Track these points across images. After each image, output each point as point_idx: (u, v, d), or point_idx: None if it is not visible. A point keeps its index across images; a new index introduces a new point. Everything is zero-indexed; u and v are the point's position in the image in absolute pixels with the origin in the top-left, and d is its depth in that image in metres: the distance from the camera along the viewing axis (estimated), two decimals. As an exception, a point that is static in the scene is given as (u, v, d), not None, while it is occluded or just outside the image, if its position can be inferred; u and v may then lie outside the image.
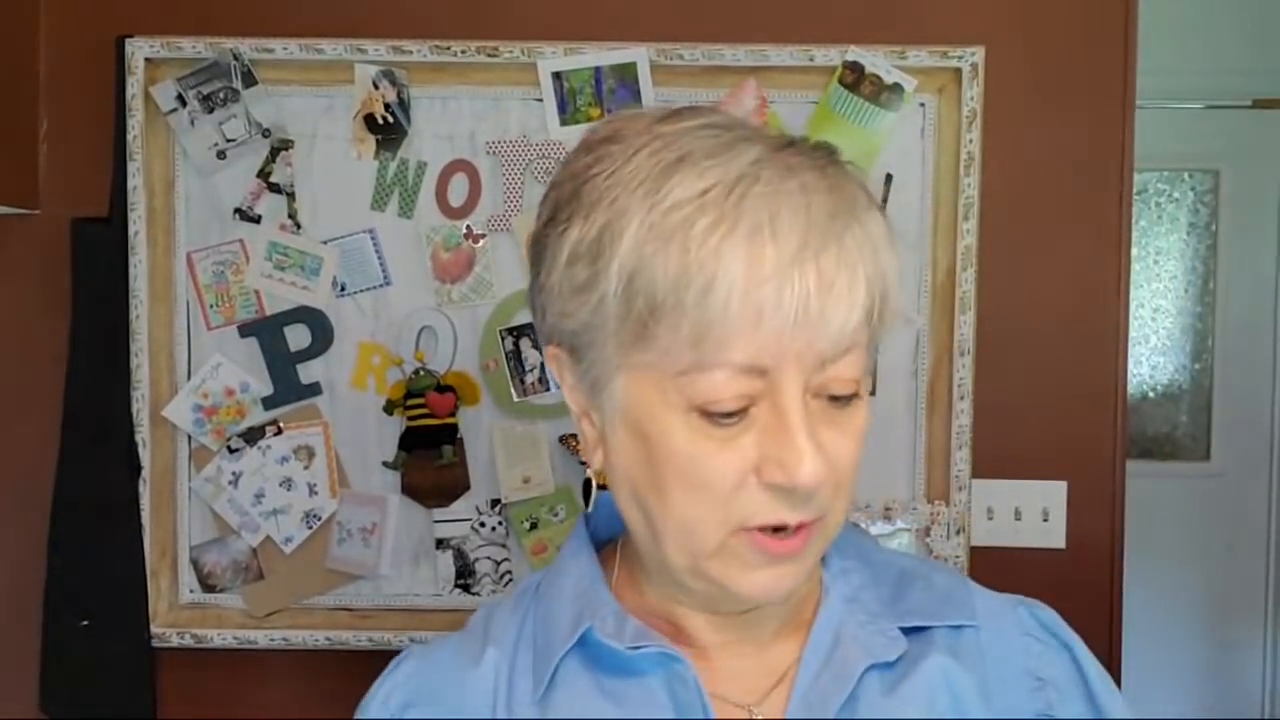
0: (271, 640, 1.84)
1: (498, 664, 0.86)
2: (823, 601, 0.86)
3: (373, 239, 1.81)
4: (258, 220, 1.82)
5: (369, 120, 1.80)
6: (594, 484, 0.87)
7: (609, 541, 0.91)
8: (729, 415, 0.74)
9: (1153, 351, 3.60)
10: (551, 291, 0.79)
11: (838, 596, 0.86)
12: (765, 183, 0.73)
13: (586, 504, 0.90)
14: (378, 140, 1.81)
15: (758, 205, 0.72)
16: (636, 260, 0.73)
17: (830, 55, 1.77)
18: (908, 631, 0.85)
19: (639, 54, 1.78)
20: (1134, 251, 2.56)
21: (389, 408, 1.83)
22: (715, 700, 0.81)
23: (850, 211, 0.75)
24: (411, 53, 1.79)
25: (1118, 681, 0.97)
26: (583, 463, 1.81)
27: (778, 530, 0.76)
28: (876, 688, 0.82)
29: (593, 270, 0.75)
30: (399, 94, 1.80)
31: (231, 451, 1.83)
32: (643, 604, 0.85)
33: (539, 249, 0.81)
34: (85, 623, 1.83)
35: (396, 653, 1.91)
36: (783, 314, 0.71)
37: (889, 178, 1.79)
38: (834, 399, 0.75)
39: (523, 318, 1.82)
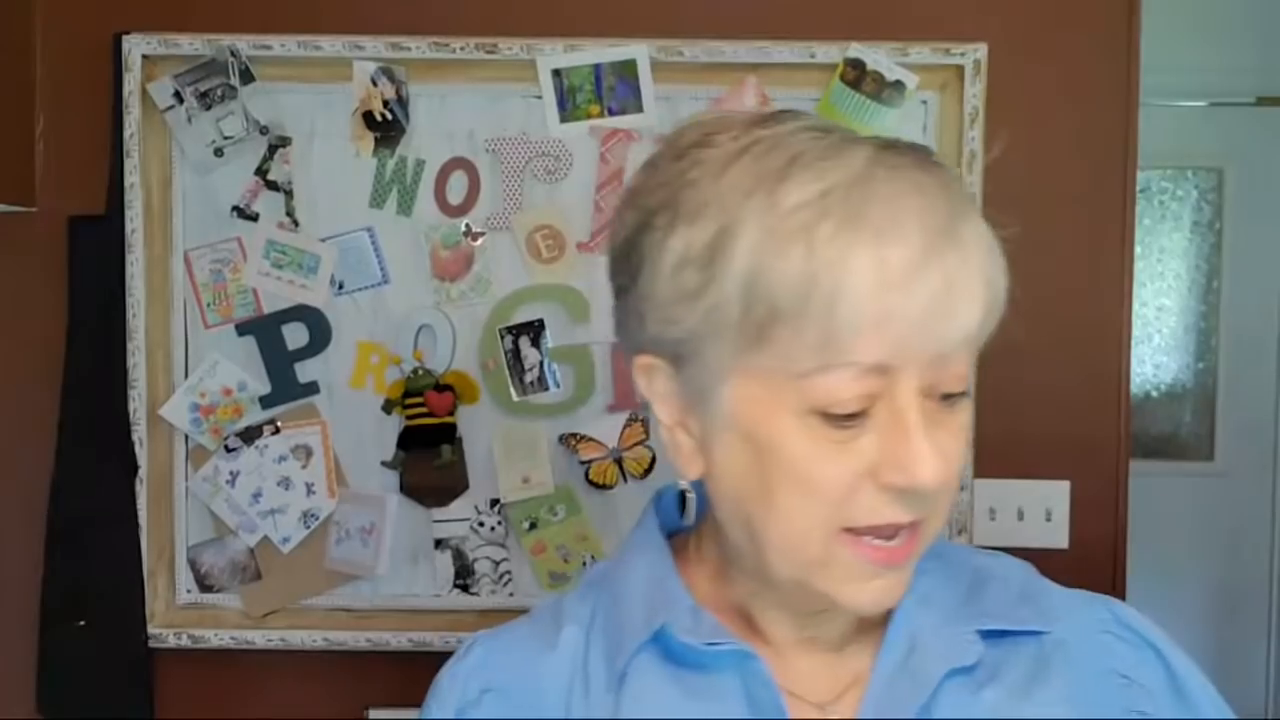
0: (269, 641, 1.83)
1: (574, 649, 0.85)
2: (898, 602, 0.84)
3: (371, 237, 1.81)
4: (255, 218, 1.81)
5: (367, 117, 1.80)
6: (686, 495, 0.87)
7: (674, 534, 0.91)
8: (848, 417, 0.73)
9: (1156, 351, 3.59)
10: (654, 299, 0.77)
11: (912, 598, 0.83)
12: (883, 183, 0.73)
13: (682, 514, 0.89)
14: (376, 138, 1.80)
15: (880, 207, 0.72)
16: (756, 265, 0.72)
17: (831, 52, 1.76)
18: (984, 634, 0.84)
19: (639, 51, 1.77)
20: (1137, 250, 2.55)
21: (387, 407, 1.82)
22: (789, 698, 0.81)
23: (963, 210, 0.75)
24: (410, 49, 1.78)
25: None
26: (583, 462, 1.80)
27: (883, 534, 0.75)
28: (955, 693, 0.81)
29: (705, 276, 0.74)
30: (397, 91, 1.79)
31: (229, 451, 1.82)
32: (718, 597, 0.85)
33: (630, 257, 0.80)
34: (82, 623, 1.82)
35: (395, 653, 1.91)
36: (912, 315, 0.71)
37: (891, 175, 1.78)
38: (944, 398, 0.75)
39: (522, 316, 1.81)
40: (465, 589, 1.83)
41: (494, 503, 1.82)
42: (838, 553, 0.76)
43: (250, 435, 1.82)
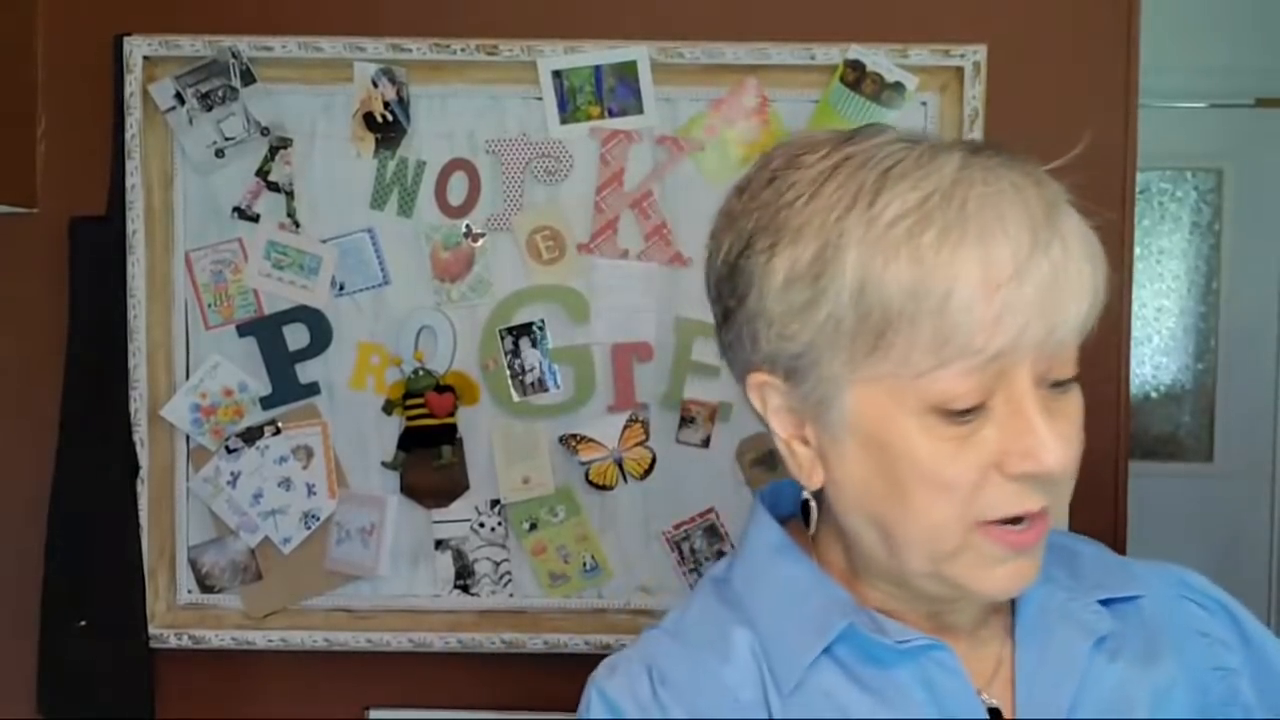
0: (270, 641, 1.84)
1: (750, 654, 0.85)
2: None
3: (372, 238, 1.81)
4: (256, 219, 1.81)
5: (368, 119, 1.80)
6: (810, 504, 0.89)
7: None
8: (967, 412, 0.76)
9: (1155, 351, 3.59)
10: (765, 316, 0.81)
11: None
12: (979, 185, 0.76)
13: (806, 525, 0.90)
14: (377, 139, 1.80)
15: (981, 208, 0.75)
16: (864, 275, 0.75)
17: (831, 54, 1.77)
18: (1104, 604, 0.89)
19: (639, 52, 1.78)
20: (1137, 251, 2.55)
21: (388, 408, 1.82)
22: None
23: (1061, 205, 0.79)
24: (411, 51, 1.78)
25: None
26: (583, 463, 1.80)
27: (1015, 522, 0.78)
28: (1097, 662, 0.85)
29: (815, 290, 0.77)
30: (398, 92, 1.79)
31: (230, 451, 1.82)
32: (865, 599, 0.87)
33: (735, 280, 0.84)
34: (83, 623, 1.82)
35: (395, 654, 1.91)
36: (1022, 309, 0.73)
37: (890, 177, 1.78)
38: (1056, 385, 0.78)
39: (522, 317, 1.81)
40: (465, 589, 1.83)
41: (494, 503, 1.83)
42: (977, 543, 0.78)
43: (251, 436, 1.82)
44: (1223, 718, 0.90)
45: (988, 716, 0.83)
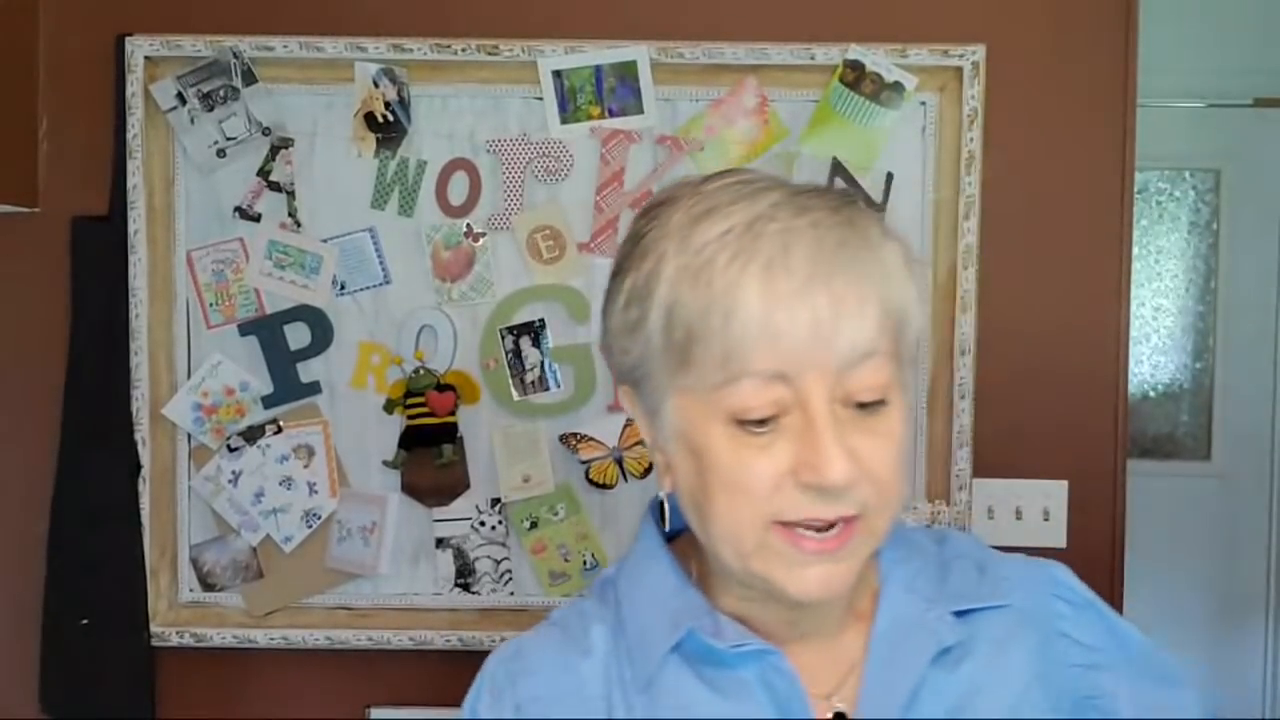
0: (271, 639, 1.84)
1: (605, 651, 0.92)
2: (882, 591, 0.93)
3: (372, 237, 1.81)
4: (257, 219, 1.81)
5: (369, 118, 1.80)
6: (664, 506, 0.96)
7: (669, 541, 0.97)
8: (761, 423, 0.82)
9: (1154, 351, 3.59)
10: (613, 334, 0.89)
11: (897, 585, 0.93)
12: (779, 220, 0.82)
13: (663, 522, 0.96)
14: (378, 138, 1.80)
15: (772, 240, 0.81)
16: (673, 297, 0.83)
17: (831, 53, 1.77)
18: (963, 613, 0.92)
19: (639, 52, 1.78)
20: (1135, 250, 2.55)
21: (389, 407, 1.82)
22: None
23: (861, 242, 0.83)
24: (412, 51, 1.78)
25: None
26: (583, 462, 1.81)
27: (823, 529, 0.83)
28: (937, 671, 0.89)
29: (641, 310, 0.86)
30: (399, 92, 1.79)
31: (231, 450, 1.83)
32: (720, 603, 0.92)
33: (606, 300, 0.91)
34: (85, 622, 1.82)
35: (395, 652, 1.92)
36: (797, 332, 0.80)
37: (890, 177, 1.78)
38: (862, 406, 0.82)
39: (522, 316, 1.81)
40: (466, 588, 1.84)
41: (495, 502, 1.83)
42: (772, 543, 0.83)
43: (252, 435, 1.83)
44: (1083, 717, 0.93)
45: (814, 717, 0.88)
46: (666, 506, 0.95)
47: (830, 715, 0.89)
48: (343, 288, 1.82)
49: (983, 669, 0.91)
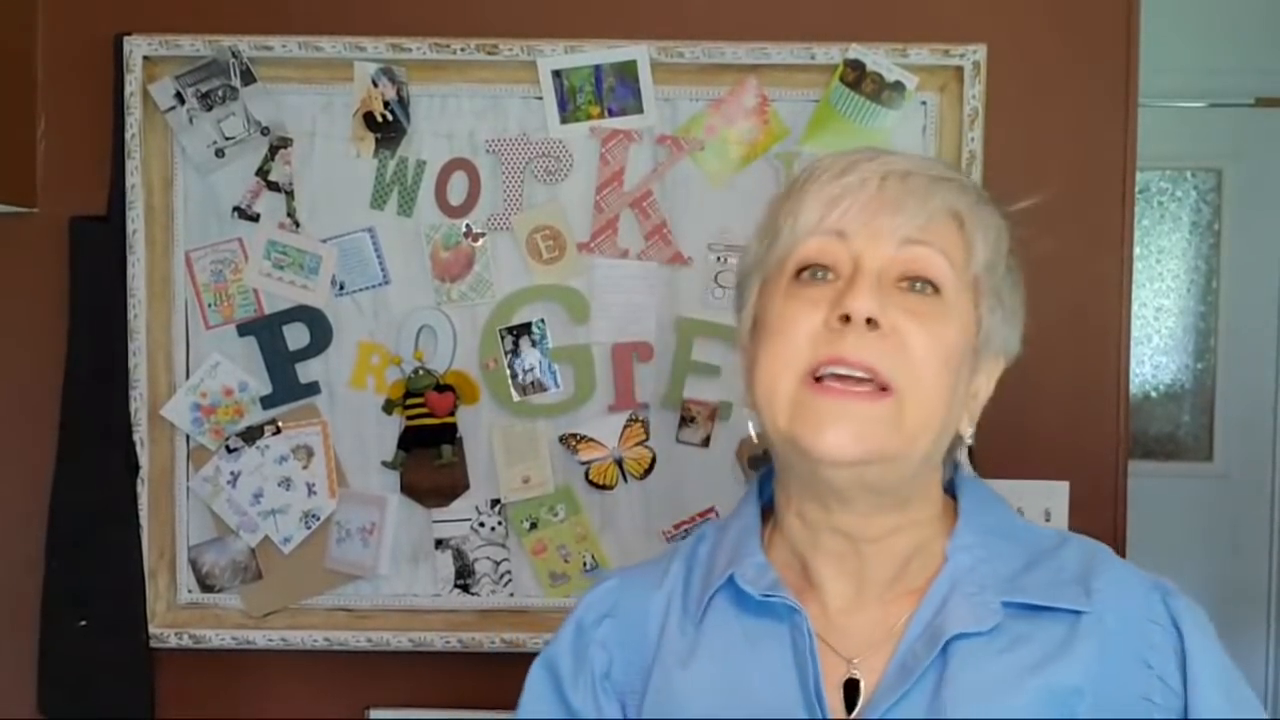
0: (270, 640, 1.84)
1: (674, 585, 1.00)
2: (940, 570, 0.94)
3: (372, 238, 1.81)
4: (256, 219, 1.81)
5: (368, 118, 1.80)
6: (757, 444, 1.01)
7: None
8: (815, 274, 0.90)
9: (1155, 351, 3.59)
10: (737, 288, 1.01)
11: (954, 566, 0.94)
12: (856, 151, 0.94)
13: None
14: (377, 138, 1.80)
15: (848, 155, 0.94)
16: (770, 211, 0.97)
17: (831, 53, 1.77)
18: (1028, 608, 0.91)
19: (639, 52, 1.78)
20: (1136, 250, 2.55)
21: (388, 407, 1.82)
22: (825, 649, 0.93)
23: (948, 174, 0.93)
24: (411, 50, 1.78)
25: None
26: (583, 463, 1.81)
27: (844, 382, 0.87)
28: (970, 655, 0.90)
29: (750, 241, 0.99)
30: (398, 92, 1.79)
31: (230, 451, 1.82)
32: (784, 555, 0.98)
33: None
34: (83, 623, 1.82)
35: (395, 653, 1.92)
36: (858, 194, 0.90)
37: (890, 176, 1.78)
38: (912, 285, 0.89)
39: (522, 317, 1.81)
40: (465, 589, 1.83)
41: (494, 503, 1.83)
42: (804, 398, 0.88)
43: (251, 435, 1.82)
44: None
45: (820, 678, 0.91)
46: (753, 430, 0.99)
47: (844, 679, 0.92)
48: (342, 288, 1.81)
49: (1019, 667, 0.89)
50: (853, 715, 0.91)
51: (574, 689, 1.02)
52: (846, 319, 0.87)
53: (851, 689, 0.92)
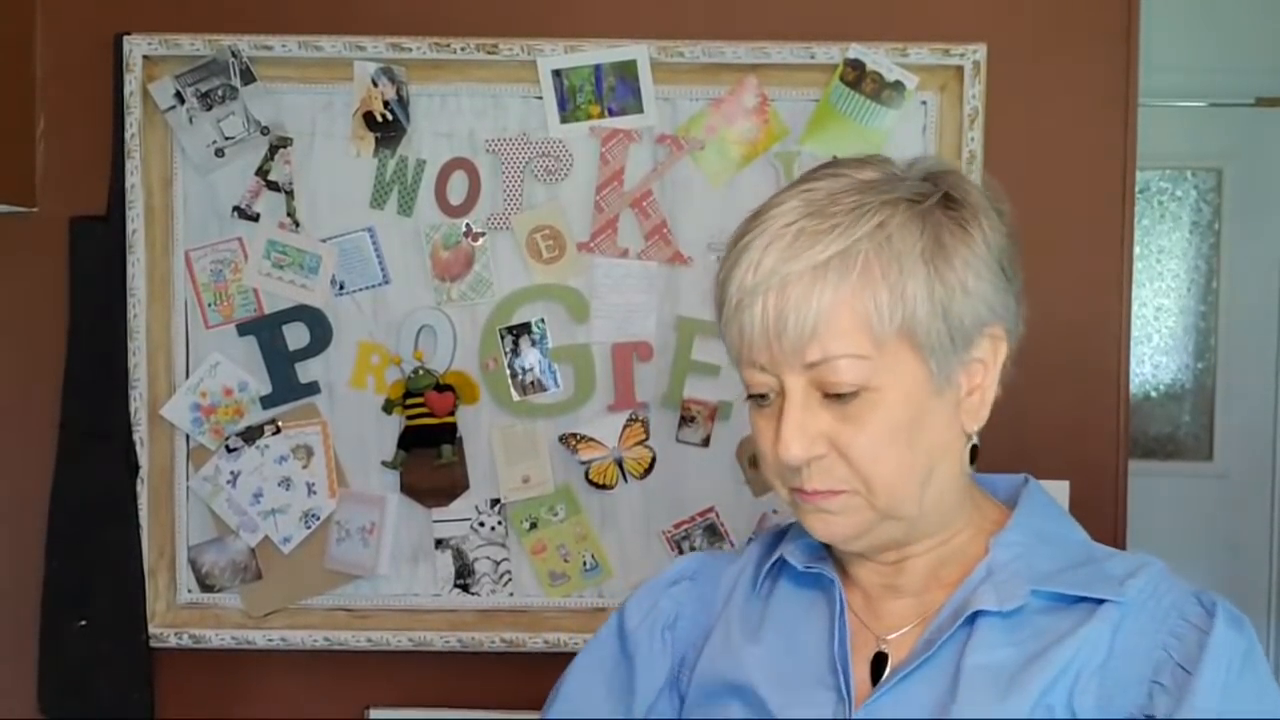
0: (270, 640, 1.84)
1: (749, 559, 1.09)
2: (979, 563, 0.98)
3: (372, 237, 1.81)
4: (256, 218, 1.81)
5: (368, 118, 1.80)
6: None
7: None
8: (762, 398, 0.94)
9: (1155, 351, 3.59)
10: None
11: (994, 559, 0.97)
12: (776, 221, 0.93)
13: None
14: (377, 138, 1.80)
15: (758, 241, 0.93)
16: (717, 315, 0.99)
17: (831, 53, 1.77)
18: (1057, 599, 0.94)
19: (639, 51, 1.78)
20: (1136, 250, 2.55)
21: (388, 407, 1.82)
22: (860, 627, 0.99)
23: (845, 245, 0.90)
24: (411, 50, 1.78)
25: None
26: (583, 462, 1.81)
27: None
28: (990, 631, 0.93)
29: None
30: (398, 91, 1.79)
31: (230, 451, 1.82)
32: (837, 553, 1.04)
33: None
34: (83, 623, 1.82)
35: (395, 653, 1.92)
36: (757, 327, 0.91)
37: (890, 176, 1.78)
38: (837, 396, 0.91)
39: (522, 317, 1.81)
40: (465, 589, 1.83)
41: (494, 502, 1.83)
42: (796, 504, 0.96)
43: (251, 435, 1.82)
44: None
45: (847, 642, 0.98)
46: None
47: (874, 651, 0.98)
48: (341, 287, 1.81)
49: (1025, 649, 0.92)
50: (876, 686, 0.96)
51: (636, 628, 1.09)
52: None
53: (880, 663, 0.97)
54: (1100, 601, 0.93)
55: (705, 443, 1.81)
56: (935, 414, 0.94)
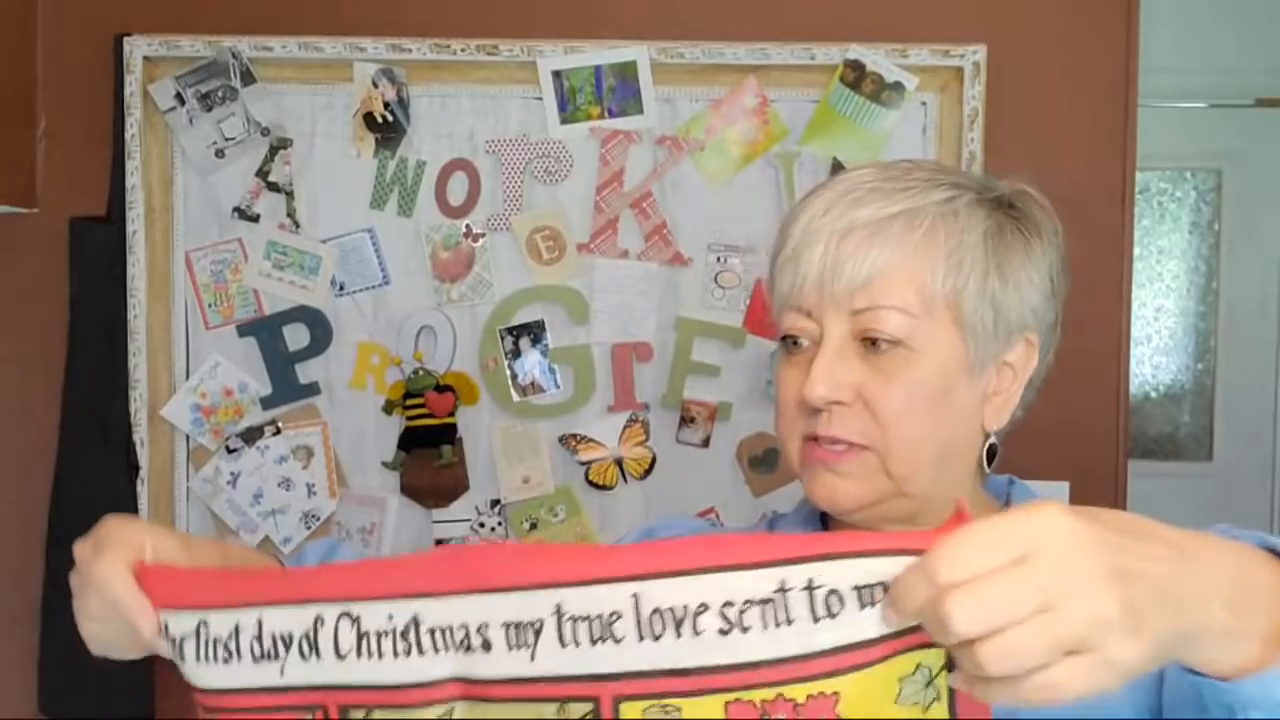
0: (270, 641, 1.83)
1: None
2: None
3: (371, 238, 1.81)
4: (256, 219, 1.81)
5: (368, 119, 1.80)
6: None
7: None
8: (795, 343, 0.95)
9: (1155, 351, 3.59)
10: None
11: None
12: (850, 183, 0.95)
13: None
14: (377, 139, 1.80)
15: (828, 194, 0.95)
16: (771, 262, 1.00)
17: (831, 53, 1.77)
18: None
19: (639, 52, 1.78)
20: (1136, 251, 2.55)
21: (388, 408, 1.82)
22: None
23: (914, 210, 0.93)
24: (411, 51, 1.78)
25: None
26: (583, 463, 1.80)
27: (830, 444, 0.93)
28: None
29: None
30: (398, 92, 1.79)
31: (230, 451, 1.82)
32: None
33: None
34: (83, 623, 1.82)
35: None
36: (815, 267, 0.93)
37: (890, 177, 1.78)
38: (872, 343, 0.92)
39: (522, 317, 1.81)
40: (466, 589, 1.83)
41: (494, 503, 1.83)
42: (804, 456, 0.95)
43: (251, 436, 1.82)
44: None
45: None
46: None
47: None
48: (342, 288, 1.81)
49: None
50: None
51: None
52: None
53: None
54: None
55: (705, 443, 1.81)
56: (961, 397, 0.95)
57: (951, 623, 0.58)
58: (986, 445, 1.01)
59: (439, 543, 1.83)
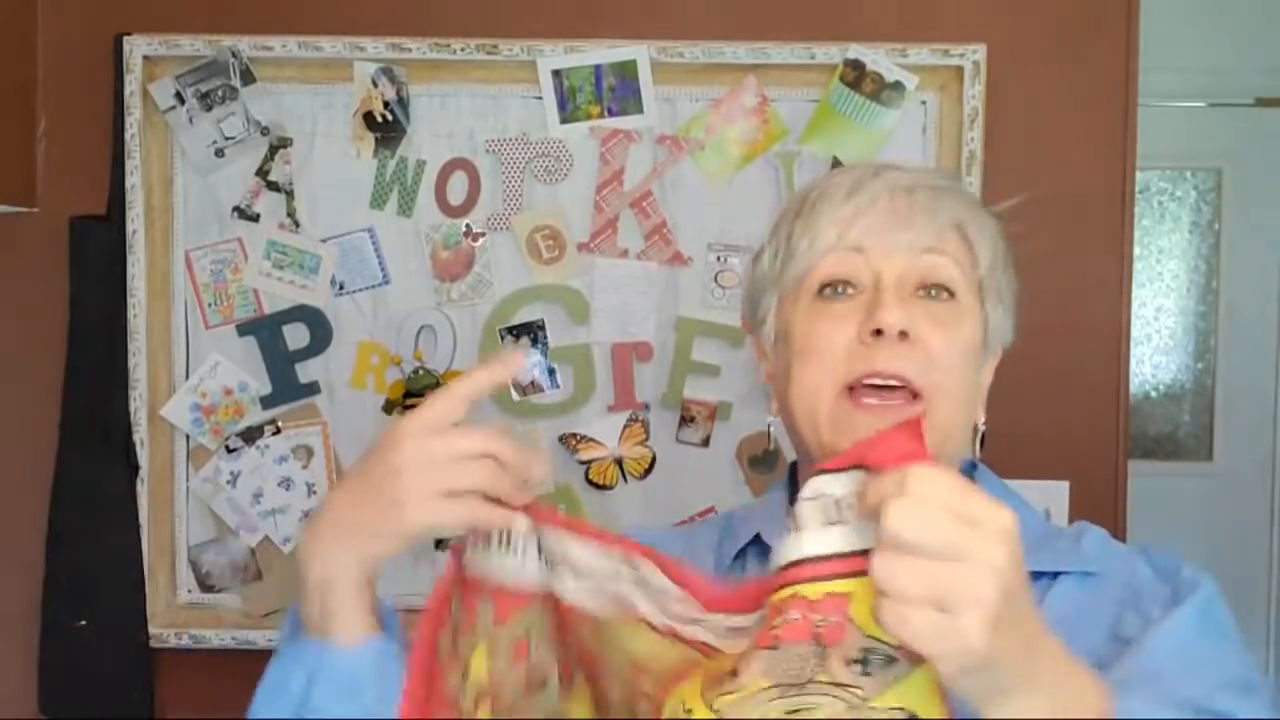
0: (270, 640, 1.82)
1: (699, 544, 1.07)
2: None
3: (371, 238, 1.81)
4: (256, 219, 1.81)
5: (368, 118, 1.80)
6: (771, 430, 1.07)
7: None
8: (838, 291, 0.93)
9: (1155, 351, 3.59)
10: (748, 289, 1.04)
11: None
12: (862, 169, 0.97)
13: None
14: (376, 138, 1.80)
15: (854, 171, 0.98)
16: (783, 227, 0.99)
17: (831, 53, 1.77)
18: (1039, 575, 0.93)
19: (639, 51, 1.78)
20: (1136, 250, 2.55)
21: (388, 407, 1.82)
22: None
23: (947, 184, 0.97)
24: (411, 50, 1.78)
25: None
26: (583, 463, 1.80)
27: (878, 395, 0.91)
28: None
29: (763, 249, 1.02)
30: (398, 92, 1.79)
31: (230, 451, 1.82)
32: None
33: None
34: (83, 623, 1.82)
35: (395, 653, 1.89)
36: (874, 209, 0.93)
37: (890, 176, 1.78)
38: (929, 293, 0.93)
39: (522, 317, 1.81)
40: (465, 589, 1.83)
41: (494, 503, 1.82)
42: (841, 411, 0.92)
43: (251, 435, 1.82)
44: None
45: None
46: (772, 431, 1.05)
47: None
48: (341, 288, 1.81)
49: None
50: None
51: None
52: (879, 332, 0.90)
53: None
54: (1055, 575, 0.95)
55: (705, 443, 1.81)
56: (976, 370, 0.97)
57: (887, 519, 0.65)
58: (979, 435, 1.03)
59: (439, 543, 1.83)
